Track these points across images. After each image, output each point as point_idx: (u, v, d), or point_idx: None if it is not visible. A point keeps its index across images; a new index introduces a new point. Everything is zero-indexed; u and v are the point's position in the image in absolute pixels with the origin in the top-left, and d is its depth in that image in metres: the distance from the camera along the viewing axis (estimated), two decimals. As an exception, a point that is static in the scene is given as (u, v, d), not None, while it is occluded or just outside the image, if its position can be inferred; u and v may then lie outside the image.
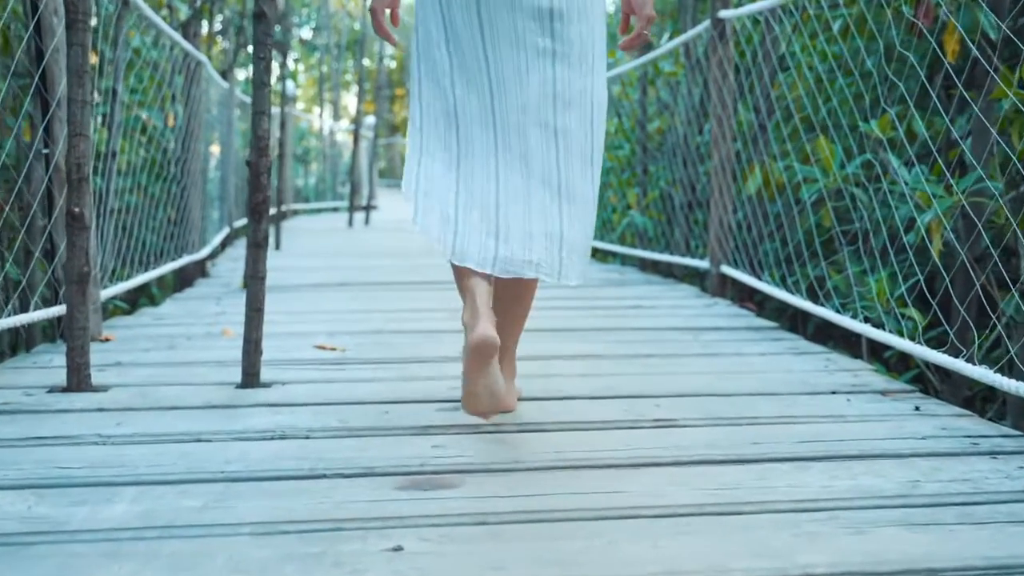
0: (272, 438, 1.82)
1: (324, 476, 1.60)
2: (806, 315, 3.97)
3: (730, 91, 3.87)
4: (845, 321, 2.68)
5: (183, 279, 4.85)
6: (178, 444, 1.78)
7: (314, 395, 2.17)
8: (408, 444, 1.78)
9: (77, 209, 2.17)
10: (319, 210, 13.36)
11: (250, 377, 2.26)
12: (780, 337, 3.03)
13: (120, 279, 3.59)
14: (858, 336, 2.98)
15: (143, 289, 5.09)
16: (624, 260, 5.87)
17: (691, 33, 4.29)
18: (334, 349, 2.76)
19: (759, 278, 3.55)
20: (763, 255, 3.67)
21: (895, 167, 3.08)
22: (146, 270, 3.84)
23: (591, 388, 2.26)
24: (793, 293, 3.14)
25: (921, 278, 2.27)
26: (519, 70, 1.77)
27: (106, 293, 3.16)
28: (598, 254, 6.37)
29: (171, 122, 4.88)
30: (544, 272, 1.78)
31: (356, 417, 1.97)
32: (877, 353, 4.00)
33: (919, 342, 2.29)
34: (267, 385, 2.27)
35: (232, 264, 5.68)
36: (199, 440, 1.80)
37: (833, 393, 2.25)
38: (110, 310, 4.13)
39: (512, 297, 1.86)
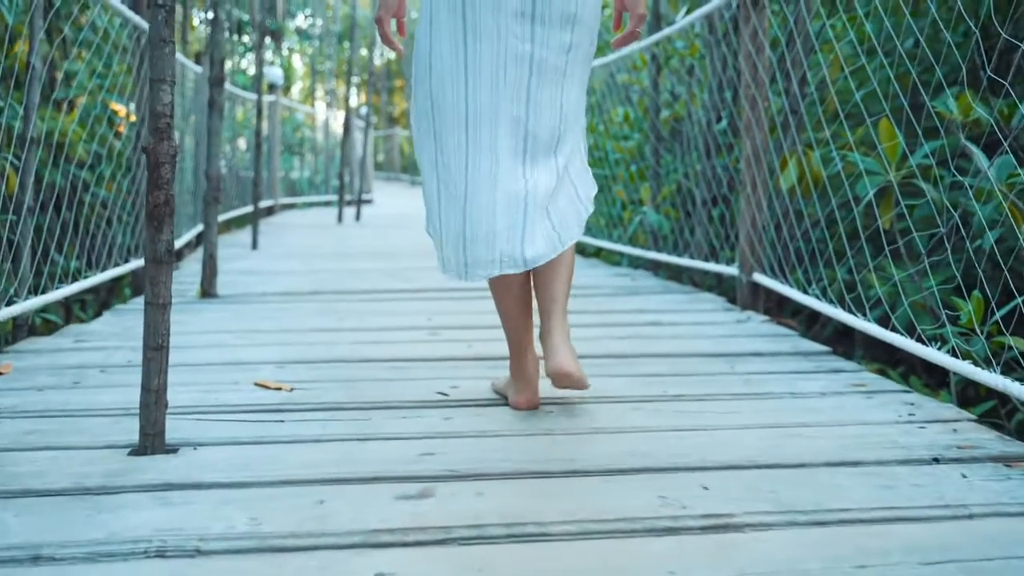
0: (144, 554, 1.23)
1: (197, 642, 1.01)
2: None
3: (766, 67, 3.27)
4: (937, 357, 2.08)
5: (136, 285, 4.26)
6: (-2, 569, 1.19)
7: (230, 468, 1.58)
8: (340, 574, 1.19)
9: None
10: (311, 204, 12.77)
11: (149, 439, 1.67)
12: (838, 367, 2.44)
13: (79, 278, 3.01)
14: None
15: (113, 290, 4.51)
16: (633, 261, 5.28)
17: (716, 2, 3.69)
18: (279, 388, 2.17)
19: (806, 291, 2.95)
20: (802, 262, 3.08)
21: (979, 157, 2.50)
22: (70, 281, 3.22)
23: (610, 454, 1.67)
24: (855, 313, 2.54)
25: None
26: (496, 74, 1.78)
27: (9, 312, 2.57)
28: (603, 253, 5.77)
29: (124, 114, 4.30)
30: (508, 267, 1.82)
31: (276, 512, 1.38)
32: (932, 373, 3.41)
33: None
34: (172, 449, 1.69)
35: (200, 267, 5.08)
36: (36, 559, 1.21)
37: (935, 461, 1.66)
38: (39, 325, 3.54)
39: (544, 283, 1.90)
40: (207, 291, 3.79)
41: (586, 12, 1.82)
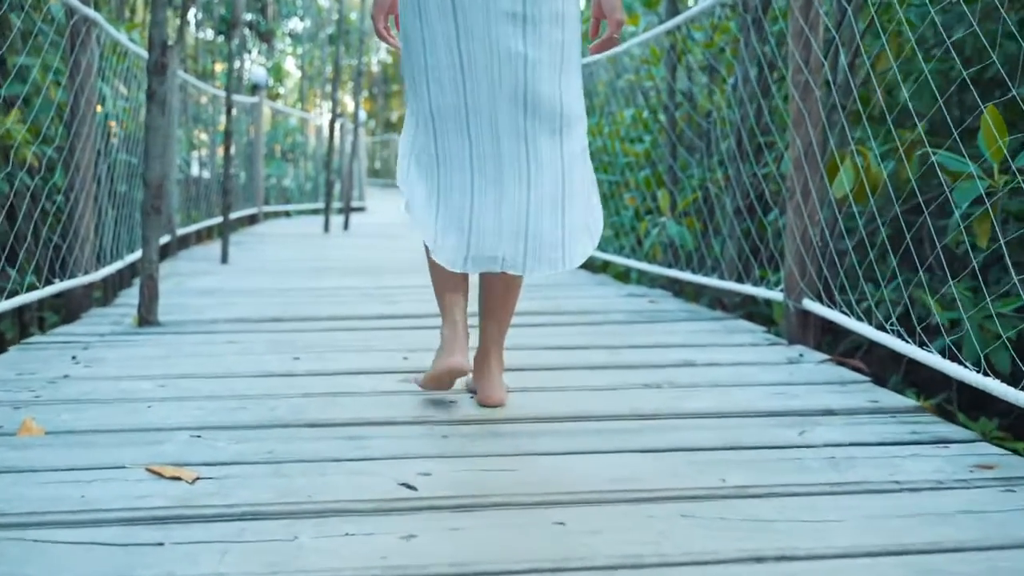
0: None
1: None
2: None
3: (821, 45, 2.66)
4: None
5: (69, 310, 3.63)
6: None
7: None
8: None
9: None
10: (301, 212, 12.16)
11: (-75, 597, 1.05)
12: (942, 435, 1.82)
13: None
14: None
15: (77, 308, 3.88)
16: (643, 276, 4.65)
17: (753, -27, 3.07)
18: (178, 478, 1.55)
19: (883, 328, 2.32)
20: (879, 288, 2.46)
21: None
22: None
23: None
24: (967, 366, 1.91)
25: None
26: (491, 74, 1.80)
27: None
28: (610, 267, 5.15)
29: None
30: (508, 266, 1.85)
31: None
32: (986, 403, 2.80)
33: None
34: (-33, 610, 1.07)
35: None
36: None
37: None
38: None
39: (497, 298, 1.97)
40: (145, 319, 3.17)
41: (571, 8, 1.84)
